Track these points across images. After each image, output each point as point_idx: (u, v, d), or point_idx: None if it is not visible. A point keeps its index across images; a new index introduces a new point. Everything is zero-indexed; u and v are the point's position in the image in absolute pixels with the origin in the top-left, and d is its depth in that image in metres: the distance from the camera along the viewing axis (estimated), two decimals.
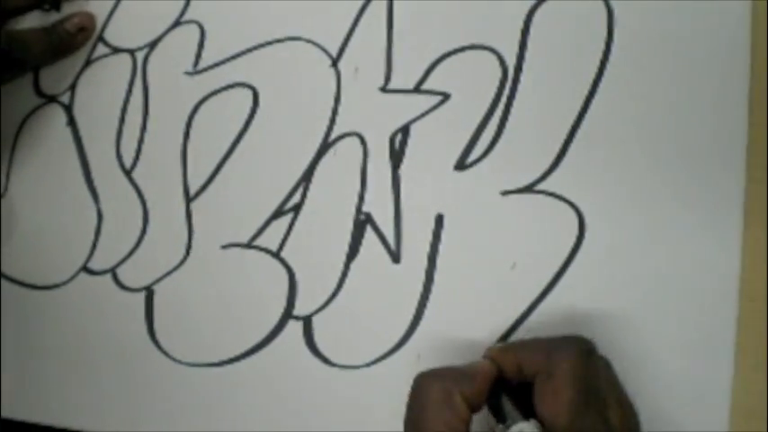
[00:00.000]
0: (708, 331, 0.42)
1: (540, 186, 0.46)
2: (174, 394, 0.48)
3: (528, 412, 0.38)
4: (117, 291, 0.50)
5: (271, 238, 0.49)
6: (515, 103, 0.47)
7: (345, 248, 0.47)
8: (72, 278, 0.52)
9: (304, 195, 0.49)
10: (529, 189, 0.46)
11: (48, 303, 0.52)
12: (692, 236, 0.43)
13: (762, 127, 0.43)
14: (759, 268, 0.42)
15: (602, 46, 0.46)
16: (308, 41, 0.51)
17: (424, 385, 0.38)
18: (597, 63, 0.46)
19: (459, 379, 0.38)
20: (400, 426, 0.44)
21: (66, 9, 0.56)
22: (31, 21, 0.56)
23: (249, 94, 0.51)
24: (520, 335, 0.44)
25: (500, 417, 0.39)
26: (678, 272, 0.43)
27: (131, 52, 0.54)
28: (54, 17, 0.55)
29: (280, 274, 0.48)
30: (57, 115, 0.55)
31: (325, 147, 0.49)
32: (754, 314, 0.42)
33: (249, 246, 0.49)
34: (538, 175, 0.46)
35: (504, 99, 0.47)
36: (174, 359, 0.49)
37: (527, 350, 0.39)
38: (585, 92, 0.46)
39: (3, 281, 0.53)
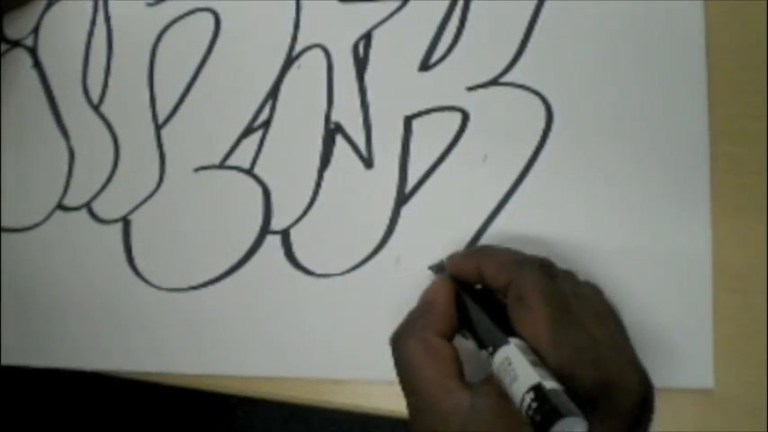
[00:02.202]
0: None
1: (505, 78, 0.46)
2: (160, 320, 0.48)
3: (496, 317, 0.37)
4: (93, 224, 0.50)
5: (242, 156, 0.49)
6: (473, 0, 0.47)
7: (317, 159, 0.48)
8: (47, 217, 0.51)
9: (272, 111, 0.49)
10: (494, 82, 0.46)
11: (25, 244, 0.51)
12: (661, 112, 0.43)
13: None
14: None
15: None
16: None
17: (400, 347, 0.38)
18: None
19: (425, 319, 0.38)
20: (385, 328, 0.44)
21: None
22: None
23: (210, 17, 0.52)
24: (496, 227, 0.44)
25: (479, 340, 0.38)
26: (647, 157, 0.43)
27: None
28: None
29: (254, 190, 0.48)
30: (22, 59, 0.55)
31: (289, 61, 0.49)
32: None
33: (221, 166, 0.49)
34: (501, 67, 0.46)
35: None
36: (155, 286, 0.48)
37: (489, 264, 0.39)
38: None
39: None
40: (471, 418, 0.35)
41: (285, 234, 0.47)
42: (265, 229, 0.47)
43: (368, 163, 0.47)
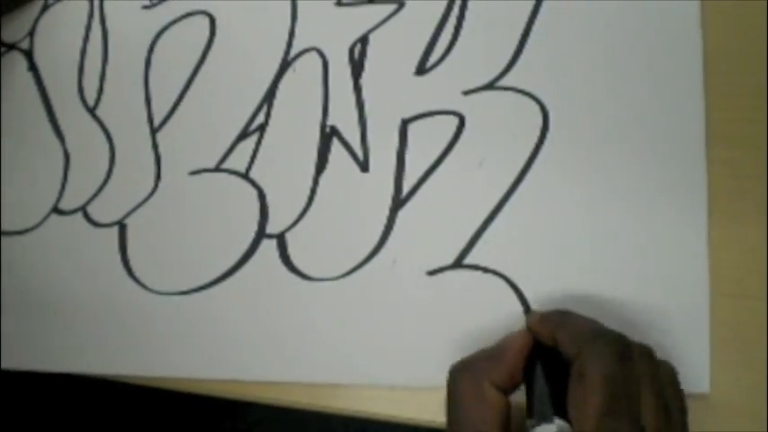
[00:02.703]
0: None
1: (501, 83, 0.46)
2: (155, 324, 0.48)
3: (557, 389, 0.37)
4: (89, 228, 0.50)
5: (238, 160, 0.49)
6: (470, 3, 0.47)
7: (313, 163, 0.47)
8: (43, 221, 0.51)
9: (268, 115, 0.49)
10: (490, 86, 0.46)
11: (20, 248, 0.51)
12: (658, 116, 0.43)
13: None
14: None
15: None
16: None
17: (454, 380, 0.38)
18: None
19: (488, 364, 0.38)
20: (381, 332, 0.44)
21: None
22: None
23: (206, 21, 0.52)
24: (493, 231, 0.44)
25: (530, 407, 0.37)
26: (644, 161, 0.43)
27: None
28: None
29: (250, 194, 0.48)
30: (17, 62, 0.55)
31: (285, 65, 0.49)
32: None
33: (217, 169, 0.49)
34: (498, 71, 0.46)
35: (459, 1, 0.47)
36: (151, 290, 0.48)
37: (564, 331, 0.38)
38: None
39: None
40: None
41: (281, 238, 0.47)
42: (261, 233, 0.47)
43: (364, 166, 0.47)
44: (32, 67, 0.54)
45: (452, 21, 0.47)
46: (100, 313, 0.49)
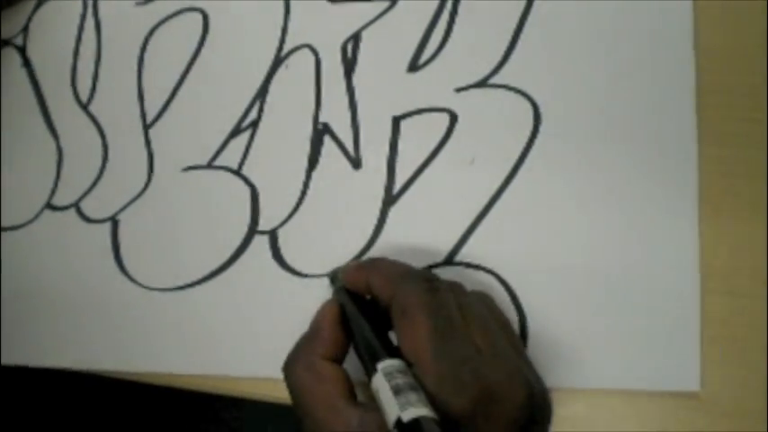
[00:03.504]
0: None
1: (493, 80, 0.46)
2: (147, 320, 0.48)
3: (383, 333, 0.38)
4: (82, 224, 0.50)
5: (230, 157, 0.49)
6: (462, 1, 0.47)
7: (305, 159, 0.48)
8: (36, 216, 0.51)
9: (260, 111, 0.49)
10: (482, 84, 0.46)
11: (13, 243, 0.51)
12: (649, 114, 0.43)
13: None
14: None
15: None
16: None
17: (288, 373, 0.38)
18: None
19: (311, 344, 0.39)
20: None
21: None
22: None
23: (199, 17, 0.52)
24: (484, 228, 0.44)
25: (361, 357, 0.38)
26: (635, 159, 0.43)
27: None
28: None
29: (242, 190, 0.48)
30: (11, 58, 0.55)
31: (277, 62, 0.49)
32: None
33: (209, 166, 0.49)
34: (490, 69, 0.46)
35: None
36: (143, 286, 0.48)
37: (376, 277, 0.39)
38: None
39: None
40: None
41: (273, 234, 0.47)
42: (253, 230, 0.47)
43: (356, 163, 0.47)
44: (26, 63, 0.54)
45: (445, 17, 0.47)
46: (92, 309, 0.49)
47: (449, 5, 0.47)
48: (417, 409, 0.32)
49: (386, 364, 0.35)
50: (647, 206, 0.42)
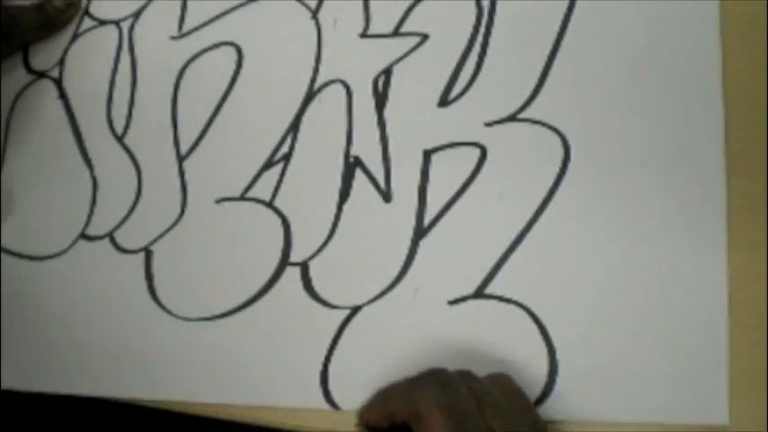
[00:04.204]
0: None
1: (523, 115, 0.47)
2: (179, 350, 0.48)
3: None
4: (116, 254, 0.51)
5: (263, 189, 0.50)
6: (493, 37, 0.48)
7: (337, 192, 0.48)
8: (71, 246, 0.52)
9: (293, 145, 0.50)
10: (512, 118, 0.47)
11: (48, 273, 0.52)
12: (678, 150, 0.44)
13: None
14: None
15: None
16: None
17: None
18: None
19: None
20: (402, 360, 0.45)
21: None
22: None
23: (233, 51, 0.53)
24: (512, 262, 0.45)
25: None
26: (665, 193, 0.44)
27: (117, 23, 0.56)
28: None
29: (274, 222, 0.49)
30: (47, 90, 0.56)
31: (310, 96, 0.50)
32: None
33: (242, 198, 0.50)
34: (520, 103, 0.47)
35: (481, 33, 0.48)
36: (176, 316, 0.49)
37: (390, 399, 0.39)
38: (562, 14, 0.48)
39: (3, 254, 0.53)
40: None
41: (304, 266, 0.48)
42: (285, 261, 0.48)
43: (386, 197, 0.48)
44: (62, 95, 0.55)
45: (475, 53, 0.48)
46: (125, 338, 0.50)
47: (479, 41, 0.48)
48: None
49: None
50: (676, 239, 0.43)
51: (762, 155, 0.44)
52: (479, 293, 0.45)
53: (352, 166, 0.48)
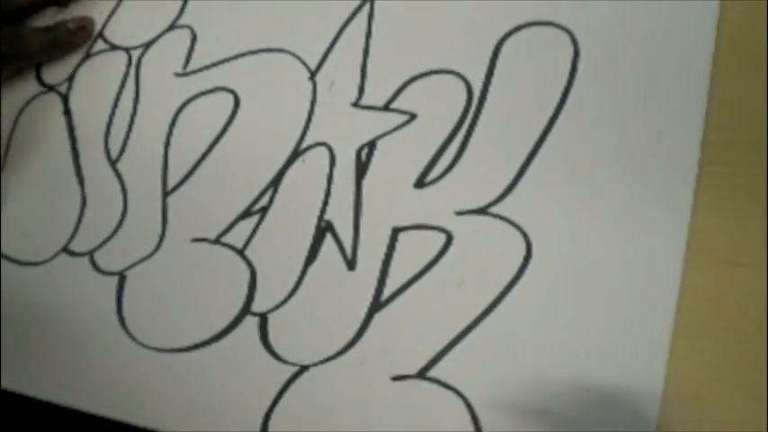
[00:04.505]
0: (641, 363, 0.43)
1: (493, 209, 0.48)
2: (133, 374, 0.51)
3: None
4: (92, 273, 0.54)
5: (237, 237, 0.52)
6: (477, 128, 0.49)
7: (305, 253, 0.50)
8: (53, 257, 0.55)
9: (272, 199, 0.52)
10: (482, 211, 0.48)
11: (30, 279, 0.55)
12: (632, 274, 0.45)
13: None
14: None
15: (565, 76, 0.48)
16: (291, 54, 0.54)
17: None
18: (560, 93, 0.48)
19: None
20: (339, 424, 0.47)
21: (73, 10, 0.59)
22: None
23: (231, 98, 0.54)
24: (459, 349, 0.46)
25: None
26: (615, 308, 0.45)
27: (127, 51, 0.58)
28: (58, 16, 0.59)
29: (242, 270, 0.51)
30: (54, 104, 0.58)
31: (295, 154, 0.52)
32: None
33: (217, 242, 0.52)
34: (491, 198, 0.48)
35: (467, 123, 0.49)
36: (137, 341, 0.51)
37: None
38: (546, 120, 0.48)
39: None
40: None
41: (263, 317, 0.50)
42: (246, 309, 0.50)
43: (351, 265, 0.49)
44: (66, 111, 0.58)
45: (458, 141, 0.49)
46: (86, 351, 0.52)
47: (463, 131, 0.49)
48: None
49: None
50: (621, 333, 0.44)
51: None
52: (422, 375, 0.46)
53: (323, 229, 0.50)
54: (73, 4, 0.59)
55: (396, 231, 0.49)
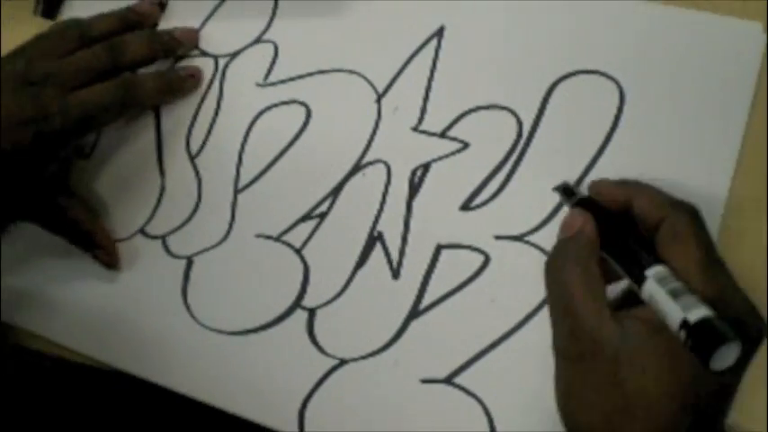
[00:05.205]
0: None
1: (529, 238, 0.52)
2: (190, 350, 0.57)
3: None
4: (164, 255, 0.59)
5: (296, 237, 0.57)
6: (523, 162, 0.53)
7: (356, 258, 0.55)
8: (131, 237, 0.61)
9: (331, 206, 0.57)
10: (519, 238, 0.52)
11: None
12: None
13: None
14: None
15: (610, 121, 0.53)
16: (362, 76, 0.59)
17: (558, 272, 0.43)
18: (603, 137, 0.53)
19: (580, 248, 0.43)
20: (365, 422, 0.52)
21: (171, 21, 0.65)
22: None
23: (303, 111, 0.59)
24: (486, 361, 0.51)
25: (623, 265, 0.42)
26: None
27: (215, 58, 0.63)
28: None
29: (297, 268, 0.56)
30: None
31: (356, 168, 0.57)
32: None
33: (278, 239, 0.57)
34: (529, 227, 0.52)
35: (514, 157, 0.54)
36: (197, 320, 0.57)
37: (644, 199, 0.43)
38: (587, 160, 0.52)
39: None
40: (624, 345, 0.39)
41: (312, 312, 0.55)
42: (297, 303, 0.55)
43: (395, 274, 0.54)
44: (155, 108, 0.63)
45: (504, 172, 0.53)
46: (150, 325, 0.58)
47: (510, 163, 0.54)
48: (700, 310, 0.36)
49: (657, 270, 0.39)
50: None
51: None
52: (449, 380, 0.51)
53: (374, 239, 0.55)
54: (171, 16, 0.65)
55: (439, 248, 0.54)
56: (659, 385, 0.39)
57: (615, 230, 0.44)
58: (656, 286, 0.39)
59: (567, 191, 0.50)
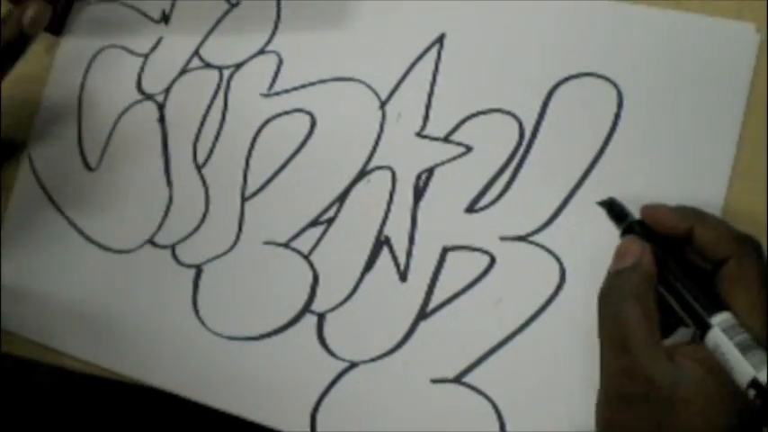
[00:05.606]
0: None
1: (534, 238, 0.53)
2: (201, 357, 0.58)
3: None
4: (173, 264, 0.60)
5: (304, 243, 0.58)
6: (526, 164, 0.54)
7: (363, 262, 0.56)
8: (139, 247, 0.62)
9: (337, 212, 0.58)
10: (523, 238, 0.53)
11: (116, 265, 0.62)
12: None
13: None
14: None
15: (609, 122, 0.54)
16: (365, 84, 0.60)
17: (612, 304, 0.41)
18: (603, 138, 0.53)
19: (637, 281, 0.41)
20: (376, 422, 0.53)
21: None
22: None
23: (308, 119, 0.60)
24: (494, 360, 0.52)
25: (682, 305, 0.40)
26: None
27: (220, 69, 0.64)
28: None
29: (306, 273, 0.57)
30: (151, 111, 0.65)
31: (361, 174, 0.58)
32: None
33: (286, 246, 0.58)
34: (533, 228, 0.53)
35: (517, 159, 0.55)
36: (208, 328, 0.58)
37: (707, 231, 0.41)
38: (588, 162, 0.53)
39: (87, 242, 0.64)
40: (679, 386, 0.38)
41: (321, 317, 0.56)
42: (306, 308, 0.56)
43: (403, 277, 0.55)
44: (161, 119, 0.64)
45: (508, 174, 0.54)
46: (161, 332, 0.60)
47: (514, 165, 0.55)
48: None
49: (723, 318, 0.38)
50: None
51: None
52: (458, 380, 0.52)
53: (381, 243, 0.56)
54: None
55: (445, 250, 0.55)
56: (711, 429, 0.38)
57: (672, 262, 0.42)
58: (723, 337, 0.37)
59: (613, 207, 0.47)
